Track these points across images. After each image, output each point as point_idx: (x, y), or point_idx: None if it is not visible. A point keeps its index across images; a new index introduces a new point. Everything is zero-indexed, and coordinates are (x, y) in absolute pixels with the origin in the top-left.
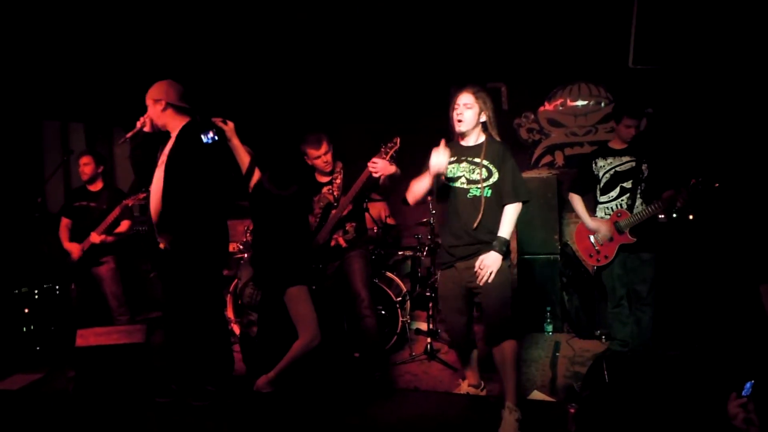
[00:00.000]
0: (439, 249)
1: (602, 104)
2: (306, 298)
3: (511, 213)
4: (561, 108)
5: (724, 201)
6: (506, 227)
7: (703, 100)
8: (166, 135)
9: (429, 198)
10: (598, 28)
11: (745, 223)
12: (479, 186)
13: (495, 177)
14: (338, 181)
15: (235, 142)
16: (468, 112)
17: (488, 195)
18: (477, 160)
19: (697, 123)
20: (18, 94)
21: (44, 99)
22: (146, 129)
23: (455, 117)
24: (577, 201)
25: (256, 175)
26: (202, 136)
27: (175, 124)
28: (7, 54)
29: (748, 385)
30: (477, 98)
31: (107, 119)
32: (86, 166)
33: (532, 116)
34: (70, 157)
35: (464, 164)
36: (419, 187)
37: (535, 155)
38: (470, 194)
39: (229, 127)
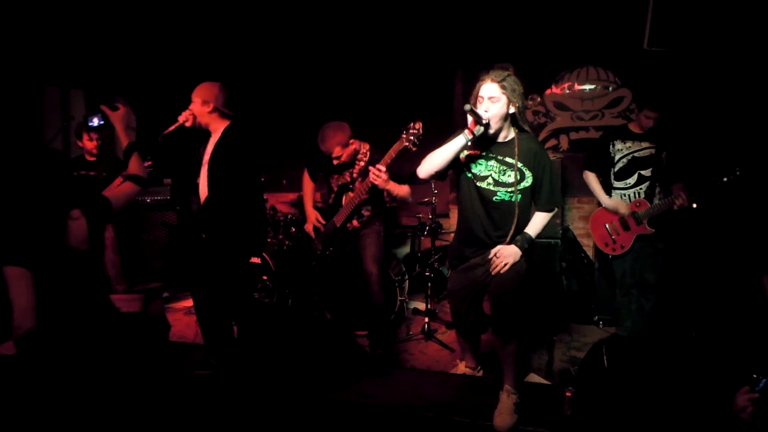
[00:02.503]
0: (450, 247)
1: (609, 89)
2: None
3: (542, 219)
4: (568, 91)
5: (736, 192)
6: (534, 228)
7: (719, 85)
8: (205, 133)
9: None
10: (608, 9)
11: (750, 214)
12: (510, 190)
13: (528, 180)
14: (362, 164)
15: (118, 128)
16: (494, 107)
17: (518, 199)
18: (509, 160)
19: (709, 111)
20: (21, 59)
21: (46, 64)
22: (188, 124)
23: (480, 113)
24: (593, 179)
25: (134, 160)
26: (88, 120)
27: (217, 125)
28: (11, 18)
29: (763, 381)
30: (504, 88)
31: (107, 87)
32: (91, 141)
33: (539, 98)
34: (70, 123)
35: (493, 162)
36: (445, 151)
37: (540, 138)
38: (497, 198)
39: (117, 114)
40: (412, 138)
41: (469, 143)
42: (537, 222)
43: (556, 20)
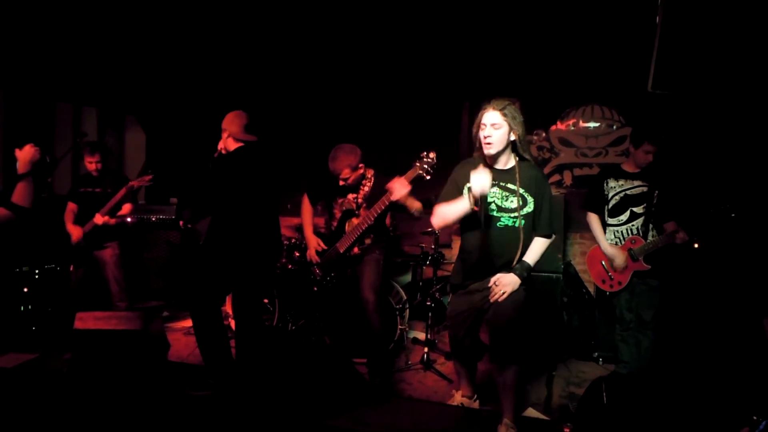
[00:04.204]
0: (452, 273)
1: (614, 127)
2: None
3: (541, 246)
4: (573, 128)
5: (732, 231)
6: (532, 255)
7: (719, 127)
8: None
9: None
10: (614, 50)
11: (751, 255)
12: (513, 216)
13: (530, 206)
14: (366, 188)
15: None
16: (496, 133)
17: (522, 225)
18: (511, 186)
19: (711, 151)
20: (34, 75)
21: (59, 81)
22: (224, 152)
23: (483, 140)
24: (595, 221)
25: (18, 189)
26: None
27: (232, 148)
28: (26, 35)
29: (763, 423)
30: (505, 115)
31: (120, 105)
32: (90, 164)
33: (544, 134)
34: (82, 140)
35: (495, 189)
36: (453, 211)
37: (544, 173)
38: (501, 223)
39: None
40: (426, 167)
41: (474, 208)
42: (536, 249)
43: (562, 58)
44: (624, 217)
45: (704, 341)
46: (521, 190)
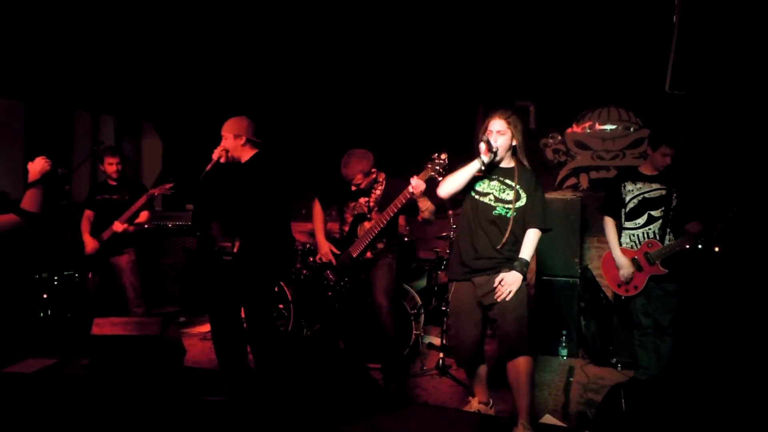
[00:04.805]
0: (449, 260)
1: (631, 129)
2: None
3: (534, 237)
4: (589, 130)
5: (755, 235)
6: (528, 250)
7: (738, 128)
8: (236, 164)
9: (450, 212)
10: (630, 51)
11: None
12: (508, 206)
13: (523, 201)
14: (377, 192)
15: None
16: (501, 139)
17: (515, 216)
18: (509, 182)
19: (732, 153)
20: (54, 85)
21: (78, 90)
22: (222, 160)
23: (492, 143)
24: (610, 227)
25: (27, 196)
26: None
27: (246, 155)
28: (45, 47)
29: None
30: (509, 123)
31: (137, 113)
32: (111, 165)
33: (559, 137)
34: (99, 148)
35: (495, 183)
36: (462, 174)
37: (560, 176)
38: (496, 212)
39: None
40: (438, 168)
41: (482, 167)
42: (529, 243)
43: (577, 60)
44: (641, 220)
45: (725, 346)
46: (517, 186)
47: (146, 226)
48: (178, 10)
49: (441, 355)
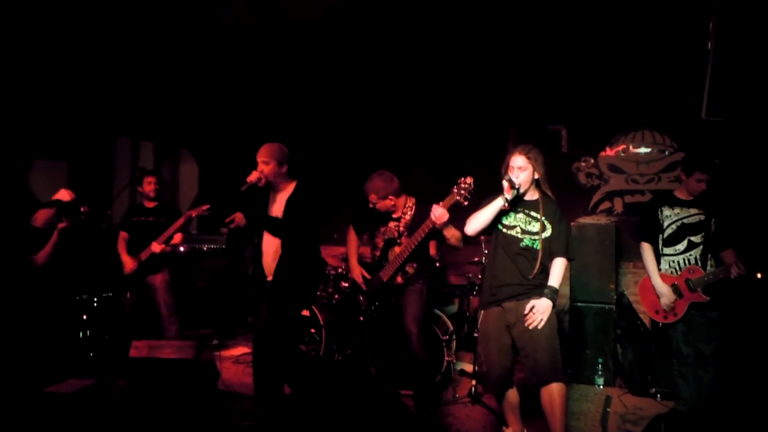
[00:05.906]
0: (480, 290)
1: (666, 153)
2: None
3: (561, 266)
4: (623, 154)
5: None
6: (556, 278)
7: None
8: (267, 188)
9: (482, 237)
10: (665, 74)
11: None
12: (535, 237)
13: (548, 232)
14: (407, 217)
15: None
16: (522, 174)
17: (540, 246)
18: (534, 214)
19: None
20: (97, 111)
21: (119, 117)
22: (260, 184)
23: (514, 180)
24: (648, 253)
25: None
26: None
27: (284, 183)
28: (87, 72)
29: None
30: (529, 159)
31: (175, 140)
32: (149, 185)
33: (592, 161)
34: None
35: (521, 215)
36: (487, 212)
37: (593, 201)
38: (523, 244)
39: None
40: (463, 192)
41: (506, 204)
42: (557, 271)
43: (609, 84)
44: (681, 246)
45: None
46: (543, 218)
47: (182, 248)
48: (212, 43)
49: (473, 382)
